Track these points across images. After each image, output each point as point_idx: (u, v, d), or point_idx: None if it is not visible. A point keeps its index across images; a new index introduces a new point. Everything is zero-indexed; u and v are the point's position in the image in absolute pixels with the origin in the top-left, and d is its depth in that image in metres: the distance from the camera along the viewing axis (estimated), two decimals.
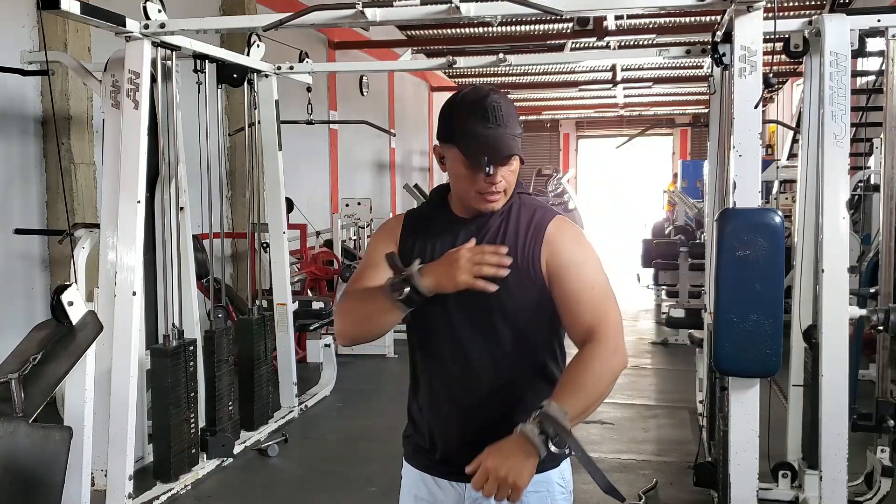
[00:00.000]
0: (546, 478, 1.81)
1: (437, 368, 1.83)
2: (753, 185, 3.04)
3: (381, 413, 5.51)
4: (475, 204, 1.77)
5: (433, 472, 1.86)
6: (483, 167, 1.69)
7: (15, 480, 2.45)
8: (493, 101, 1.71)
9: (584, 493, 4.03)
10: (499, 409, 1.77)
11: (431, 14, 3.47)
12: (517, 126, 1.74)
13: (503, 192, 1.75)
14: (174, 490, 4.05)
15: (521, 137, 1.75)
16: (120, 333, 3.64)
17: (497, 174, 1.71)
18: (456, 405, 1.80)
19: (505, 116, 1.71)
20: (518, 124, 1.75)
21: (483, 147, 1.69)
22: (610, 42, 11.32)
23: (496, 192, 1.74)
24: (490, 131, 1.69)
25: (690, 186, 15.60)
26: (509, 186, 1.76)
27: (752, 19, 3.03)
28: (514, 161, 1.74)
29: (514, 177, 1.76)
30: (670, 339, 7.65)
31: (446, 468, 1.83)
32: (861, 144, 6.07)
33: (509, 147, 1.70)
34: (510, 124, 1.71)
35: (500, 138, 1.69)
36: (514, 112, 1.75)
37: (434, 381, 1.84)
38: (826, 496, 3.21)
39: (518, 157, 1.74)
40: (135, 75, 3.73)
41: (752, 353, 2.94)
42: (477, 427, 1.77)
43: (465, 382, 1.79)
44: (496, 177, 1.71)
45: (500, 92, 1.78)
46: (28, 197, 5.43)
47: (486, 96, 1.72)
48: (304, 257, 7.68)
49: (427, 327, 1.80)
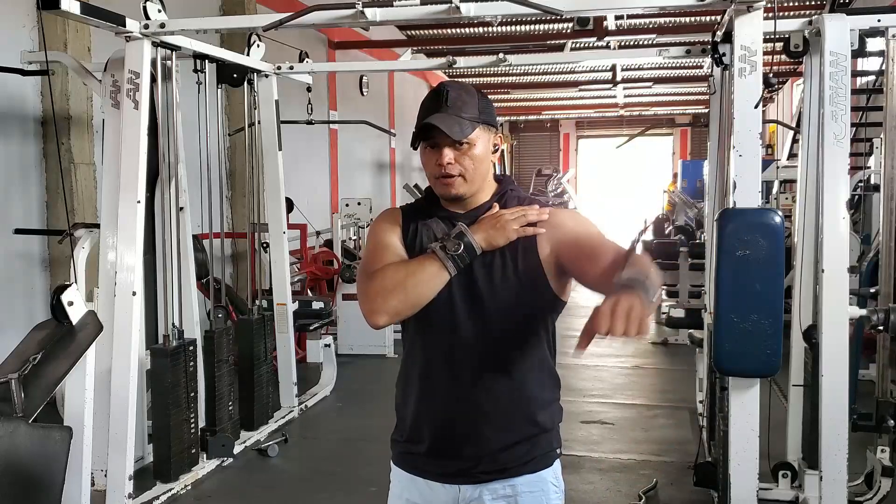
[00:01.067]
0: (540, 477, 1.81)
1: (433, 358, 1.81)
2: (753, 185, 3.04)
3: (381, 413, 5.45)
4: (438, 190, 1.80)
5: (426, 475, 1.84)
6: (416, 145, 1.75)
7: (15, 480, 2.45)
8: (443, 87, 1.75)
9: (585, 493, 4.04)
10: (493, 400, 1.77)
11: (431, 14, 3.47)
12: (473, 111, 1.74)
13: (460, 177, 1.75)
14: (174, 490, 4.05)
15: (482, 125, 1.75)
16: (120, 333, 3.64)
17: (444, 155, 1.72)
18: (450, 395, 1.79)
19: (453, 100, 1.72)
20: (476, 111, 1.75)
21: (422, 126, 1.72)
22: (610, 42, 11.30)
23: (449, 174, 1.74)
24: (433, 113, 1.72)
25: (690, 186, 15.63)
26: (467, 172, 1.75)
27: (752, 19, 3.03)
28: (472, 147, 1.74)
29: (473, 163, 1.75)
30: (670, 339, 7.64)
31: (436, 465, 1.82)
32: (861, 144, 6.07)
33: (450, 127, 1.69)
34: (459, 107, 1.72)
35: (443, 119, 1.70)
36: (474, 100, 1.76)
37: (429, 372, 1.82)
38: (826, 496, 3.21)
39: (476, 144, 1.74)
40: (135, 75, 3.73)
41: (752, 353, 2.94)
42: (470, 418, 1.77)
43: (462, 374, 1.78)
44: (443, 157, 1.72)
45: (466, 84, 1.80)
46: (28, 197, 5.43)
47: (440, 84, 1.77)
48: (304, 257, 7.68)
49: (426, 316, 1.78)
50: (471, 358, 1.77)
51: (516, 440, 1.79)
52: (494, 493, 1.79)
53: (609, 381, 6.41)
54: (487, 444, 1.78)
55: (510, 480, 1.79)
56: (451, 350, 1.78)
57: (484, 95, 1.80)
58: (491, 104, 1.82)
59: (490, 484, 1.79)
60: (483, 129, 1.76)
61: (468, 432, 1.78)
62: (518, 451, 1.79)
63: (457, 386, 1.78)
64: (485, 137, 1.77)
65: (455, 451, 1.79)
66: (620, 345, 7.27)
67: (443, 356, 1.80)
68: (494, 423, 1.77)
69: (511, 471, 1.79)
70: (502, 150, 1.90)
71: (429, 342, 1.82)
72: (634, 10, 9.43)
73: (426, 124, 1.71)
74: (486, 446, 1.78)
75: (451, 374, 1.79)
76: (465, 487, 1.80)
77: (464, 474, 1.80)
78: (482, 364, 1.77)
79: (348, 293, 7.21)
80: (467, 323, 1.76)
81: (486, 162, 1.78)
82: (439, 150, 1.73)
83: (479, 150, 1.75)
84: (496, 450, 1.78)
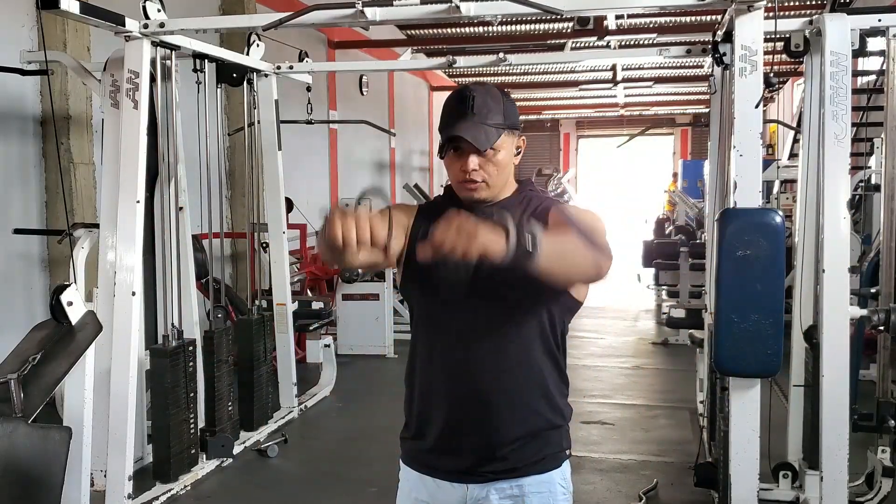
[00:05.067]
0: (549, 478, 1.81)
1: (440, 355, 1.81)
2: (754, 185, 3.04)
3: (381, 413, 5.50)
4: (461, 194, 1.81)
5: (434, 473, 1.84)
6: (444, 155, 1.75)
7: (14, 480, 2.44)
8: (467, 92, 1.74)
9: (585, 493, 4.03)
10: (500, 395, 1.76)
11: (431, 13, 3.47)
12: (498, 118, 1.74)
13: (484, 183, 1.76)
14: (174, 490, 4.04)
15: (507, 130, 1.75)
16: (119, 333, 3.64)
17: (469, 163, 1.73)
18: (459, 390, 1.78)
19: (478, 107, 1.72)
20: (502, 116, 1.75)
21: (449, 135, 1.73)
22: (610, 42, 11.30)
23: (473, 181, 1.74)
24: (459, 121, 1.71)
25: (691, 186, 15.62)
26: (491, 178, 1.76)
27: (753, 19, 3.03)
28: (497, 153, 1.74)
29: (497, 168, 1.76)
30: (671, 339, 7.64)
31: (444, 463, 1.81)
32: (861, 144, 6.06)
33: (476, 138, 1.70)
34: (485, 115, 1.72)
35: (469, 129, 1.70)
36: (498, 105, 1.75)
37: (436, 368, 1.82)
38: (826, 496, 3.21)
39: (501, 150, 1.74)
40: (134, 75, 3.73)
41: (752, 353, 2.94)
42: (477, 413, 1.77)
43: (469, 366, 1.77)
44: (468, 164, 1.73)
45: (490, 86, 1.79)
46: (27, 197, 5.43)
47: (465, 88, 1.76)
48: (303, 257, 7.68)
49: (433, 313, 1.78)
50: (478, 353, 1.76)
51: (523, 435, 1.78)
52: (502, 492, 1.79)
53: (609, 382, 6.40)
54: (495, 439, 1.77)
55: (518, 480, 1.79)
56: (459, 346, 1.77)
57: (508, 96, 1.80)
58: (514, 105, 1.81)
59: (497, 483, 1.79)
60: (507, 135, 1.76)
61: (475, 429, 1.77)
62: (527, 450, 1.78)
63: (464, 382, 1.78)
64: (509, 142, 1.77)
65: (462, 447, 1.79)
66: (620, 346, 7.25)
67: (450, 352, 1.79)
68: (502, 418, 1.76)
69: (519, 470, 1.79)
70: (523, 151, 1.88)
71: (435, 339, 1.81)
72: (634, 9, 9.43)
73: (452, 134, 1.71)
74: (493, 442, 1.77)
75: (457, 370, 1.78)
76: (472, 486, 1.80)
77: (471, 473, 1.79)
78: (489, 359, 1.76)
79: (348, 293, 7.21)
80: (474, 319, 1.76)
81: (509, 166, 1.80)
82: (465, 156, 1.74)
83: (503, 155, 1.76)
84: (504, 445, 1.77)
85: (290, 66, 5.30)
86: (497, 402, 1.76)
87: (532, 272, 1.48)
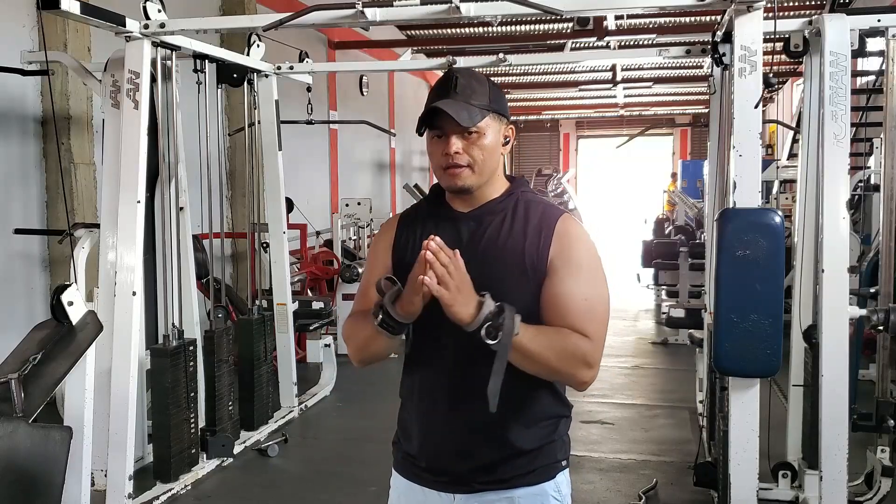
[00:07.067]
0: (540, 490, 1.75)
1: (432, 376, 1.76)
2: (753, 185, 3.04)
3: (381, 413, 5.48)
4: (444, 182, 1.73)
5: (422, 481, 1.80)
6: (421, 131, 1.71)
7: (15, 480, 2.45)
8: (452, 73, 1.69)
9: (585, 493, 4.03)
10: (495, 419, 1.64)
11: (431, 14, 3.47)
12: (483, 99, 1.67)
13: (469, 168, 1.68)
14: (174, 490, 4.05)
15: (492, 114, 1.69)
16: (120, 333, 3.64)
17: (452, 144, 1.66)
18: (450, 414, 1.73)
19: (462, 87, 1.66)
20: (487, 99, 1.68)
21: (429, 111, 1.66)
22: (610, 42, 11.31)
23: (456, 164, 1.67)
24: (441, 99, 1.65)
25: (690, 186, 15.65)
26: (476, 163, 1.68)
27: (752, 19, 3.03)
28: (482, 136, 1.67)
29: (482, 153, 1.68)
30: (670, 339, 7.65)
31: (433, 477, 1.78)
32: (861, 144, 6.07)
33: (458, 113, 1.62)
34: (468, 95, 1.66)
35: (451, 105, 1.63)
36: (484, 88, 1.69)
37: (429, 389, 1.77)
38: (826, 496, 3.21)
39: (486, 133, 1.67)
40: (135, 75, 3.73)
41: (752, 353, 2.94)
42: (471, 437, 1.72)
43: (461, 390, 1.71)
44: (450, 146, 1.66)
45: (478, 72, 1.76)
46: (28, 197, 5.43)
47: (449, 70, 1.73)
48: (304, 257, 7.68)
49: (424, 332, 1.70)
50: (469, 371, 1.66)
51: (514, 454, 1.73)
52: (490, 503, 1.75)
53: (609, 381, 6.40)
54: (485, 457, 1.73)
55: (507, 492, 1.73)
56: (449, 362, 1.72)
57: (495, 84, 1.72)
58: (502, 94, 1.74)
59: (485, 494, 1.74)
60: (493, 118, 1.69)
61: (465, 447, 1.73)
62: (517, 464, 1.73)
63: (454, 399, 1.72)
64: (495, 127, 1.70)
65: (451, 463, 1.75)
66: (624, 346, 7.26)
67: (441, 368, 1.74)
68: (492, 438, 1.71)
69: (509, 482, 1.73)
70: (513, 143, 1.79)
71: (427, 354, 1.75)
72: (634, 10, 9.43)
73: (433, 108, 1.64)
74: (482, 460, 1.73)
75: (448, 388, 1.73)
76: (459, 497, 1.75)
77: (460, 482, 1.75)
78: (481, 378, 1.59)
79: (348, 293, 7.20)
80: (466, 336, 1.60)
81: (495, 153, 1.71)
82: (446, 138, 1.66)
83: (489, 139, 1.68)
84: (494, 463, 1.73)
85: (291, 66, 5.30)
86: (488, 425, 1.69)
87: None
